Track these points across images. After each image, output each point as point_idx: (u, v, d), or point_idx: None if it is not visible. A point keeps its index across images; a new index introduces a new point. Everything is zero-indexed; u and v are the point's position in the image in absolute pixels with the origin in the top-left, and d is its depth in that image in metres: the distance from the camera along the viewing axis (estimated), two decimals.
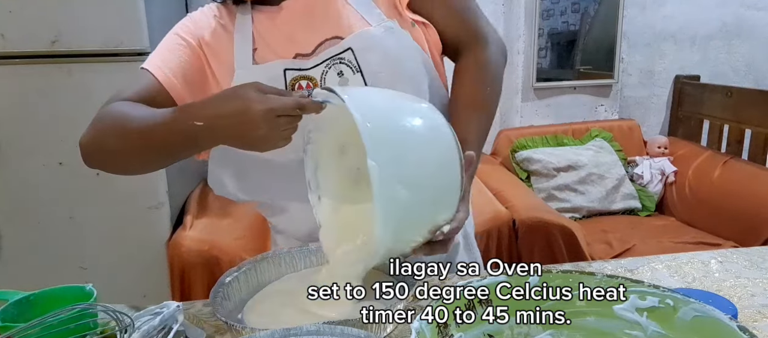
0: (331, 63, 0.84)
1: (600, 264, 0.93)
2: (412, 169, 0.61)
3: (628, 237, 2.26)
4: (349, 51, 0.84)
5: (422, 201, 0.62)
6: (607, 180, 2.59)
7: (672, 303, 0.56)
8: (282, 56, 0.84)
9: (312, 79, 0.83)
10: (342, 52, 0.84)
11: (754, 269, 0.89)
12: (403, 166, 0.60)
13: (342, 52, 0.84)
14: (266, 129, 0.65)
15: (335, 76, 0.83)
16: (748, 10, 2.98)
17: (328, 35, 0.85)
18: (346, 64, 0.84)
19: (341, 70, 0.84)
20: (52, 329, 0.60)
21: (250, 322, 0.74)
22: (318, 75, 0.83)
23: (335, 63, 0.84)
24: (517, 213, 2.04)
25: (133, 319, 0.62)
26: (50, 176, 1.85)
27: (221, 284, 0.77)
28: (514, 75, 2.79)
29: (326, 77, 0.83)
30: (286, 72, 0.83)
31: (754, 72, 3.06)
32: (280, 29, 0.87)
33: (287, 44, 0.85)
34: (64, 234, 1.90)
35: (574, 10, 2.86)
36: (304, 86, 0.83)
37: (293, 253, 0.88)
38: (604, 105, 2.93)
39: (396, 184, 0.58)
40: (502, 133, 2.82)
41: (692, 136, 2.87)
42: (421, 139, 0.64)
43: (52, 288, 0.71)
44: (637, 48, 2.95)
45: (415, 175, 0.61)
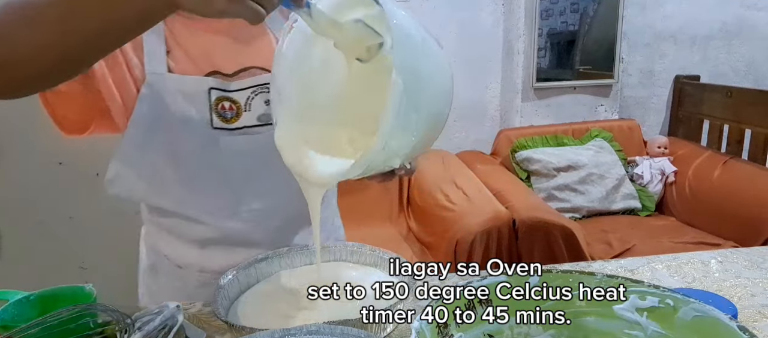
0: (259, 90, 0.83)
1: (600, 264, 0.93)
2: (427, 98, 0.63)
3: (628, 237, 2.26)
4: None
5: (419, 134, 0.64)
6: (607, 180, 2.59)
7: (672, 303, 0.56)
8: (201, 69, 0.82)
9: (235, 101, 0.82)
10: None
11: (754, 269, 0.89)
12: (421, 93, 0.61)
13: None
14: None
15: (262, 104, 0.84)
16: (748, 10, 2.98)
17: (254, 64, 0.85)
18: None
19: (269, 99, 0.83)
20: (52, 329, 0.60)
21: (242, 315, 0.74)
22: (242, 99, 0.83)
23: (263, 91, 0.83)
24: (517, 213, 2.04)
25: (133, 319, 0.62)
26: (50, 176, 1.85)
27: (221, 284, 0.78)
28: (514, 75, 2.79)
29: (252, 103, 0.83)
30: (211, 91, 0.81)
31: (754, 72, 3.06)
32: (197, 39, 0.83)
33: (204, 58, 0.82)
34: (64, 234, 1.90)
35: (573, 10, 2.86)
36: (227, 107, 0.82)
37: (293, 253, 0.88)
38: (604, 105, 2.94)
39: (411, 110, 0.59)
40: (502, 133, 2.82)
41: (692, 136, 2.87)
42: (439, 69, 0.66)
43: (52, 288, 0.71)
44: (637, 48, 2.95)
45: (427, 105, 0.63)
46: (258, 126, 0.84)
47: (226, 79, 0.83)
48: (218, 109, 0.82)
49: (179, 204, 0.86)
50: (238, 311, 0.76)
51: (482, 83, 2.89)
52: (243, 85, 0.83)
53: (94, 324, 0.64)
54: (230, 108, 0.82)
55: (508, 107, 2.87)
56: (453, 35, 2.78)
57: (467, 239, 1.95)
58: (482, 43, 2.82)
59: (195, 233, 0.88)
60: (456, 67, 2.82)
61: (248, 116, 0.83)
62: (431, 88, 0.64)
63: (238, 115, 0.83)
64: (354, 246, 0.88)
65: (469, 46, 2.80)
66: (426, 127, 0.65)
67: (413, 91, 0.58)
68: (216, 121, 0.82)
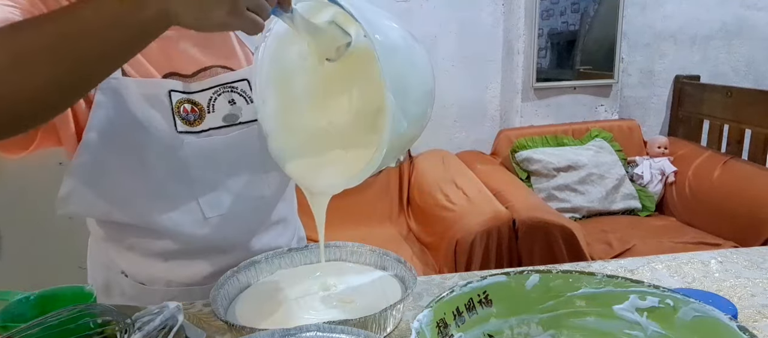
0: (222, 90, 0.81)
1: (600, 264, 0.93)
2: (413, 106, 0.65)
3: (628, 237, 2.26)
4: (244, 81, 0.82)
5: (410, 134, 0.67)
6: (607, 180, 2.59)
7: (672, 303, 0.56)
8: (158, 70, 0.77)
9: (197, 103, 0.79)
10: (235, 81, 0.82)
11: (754, 269, 0.89)
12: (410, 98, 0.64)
13: (235, 82, 0.82)
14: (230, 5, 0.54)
15: (226, 104, 0.81)
16: (748, 10, 2.98)
17: (215, 63, 0.82)
18: (239, 94, 0.82)
19: (233, 99, 0.81)
20: (52, 329, 0.60)
21: (241, 315, 0.74)
22: (205, 100, 0.79)
23: (226, 91, 0.81)
24: (517, 213, 2.04)
25: (133, 319, 0.62)
26: (50, 176, 1.85)
27: (221, 285, 0.78)
28: (514, 75, 2.79)
29: (215, 104, 0.80)
30: (171, 94, 0.77)
31: (754, 72, 3.06)
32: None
33: (161, 58, 0.78)
34: (64, 234, 1.90)
35: (573, 10, 2.86)
36: (189, 110, 0.78)
37: (292, 253, 0.88)
38: (604, 105, 2.94)
39: (402, 117, 0.61)
40: (502, 133, 2.82)
41: (692, 136, 2.87)
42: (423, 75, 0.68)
43: (52, 288, 0.71)
44: (637, 48, 2.95)
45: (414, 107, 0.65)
46: (224, 126, 0.81)
47: (186, 81, 0.79)
48: (180, 112, 0.77)
49: (144, 218, 0.80)
50: (238, 311, 0.76)
51: (482, 83, 2.89)
52: (204, 85, 0.79)
53: (94, 324, 0.64)
54: (192, 110, 0.78)
55: (508, 107, 2.87)
56: (453, 35, 2.78)
57: (467, 239, 1.95)
58: (482, 43, 2.82)
59: (159, 246, 0.83)
60: (456, 67, 2.83)
61: (212, 117, 0.80)
62: (417, 90, 0.67)
63: (201, 117, 0.79)
64: (354, 246, 0.88)
65: (469, 46, 2.80)
66: (415, 127, 0.68)
67: (402, 100, 0.60)
68: (180, 124, 0.77)
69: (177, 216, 0.81)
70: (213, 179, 0.82)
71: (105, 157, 0.75)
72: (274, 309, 0.75)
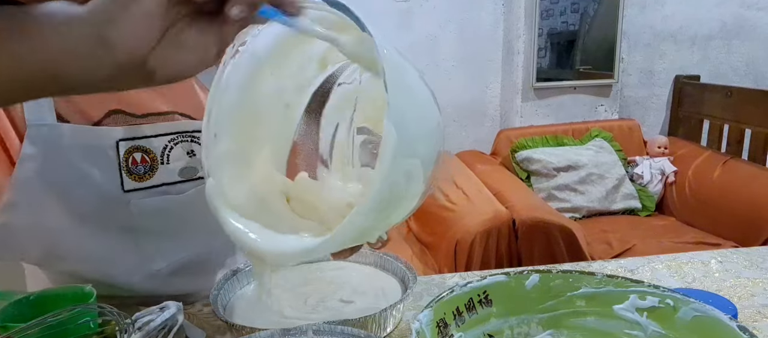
0: (179, 139, 0.70)
1: (600, 264, 0.93)
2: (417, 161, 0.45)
3: (628, 237, 2.26)
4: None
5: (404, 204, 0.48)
6: (607, 180, 2.59)
7: (672, 303, 0.56)
8: (102, 106, 0.67)
9: (149, 152, 0.68)
10: (196, 131, 0.72)
11: (754, 269, 0.89)
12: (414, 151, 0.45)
13: (196, 132, 0.72)
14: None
15: (184, 155, 0.71)
16: (748, 10, 2.98)
17: (174, 109, 0.72)
18: (200, 144, 0.60)
19: (193, 149, 0.72)
20: (52, 329, 0.60)
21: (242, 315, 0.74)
22: (158, 148, 0.69)
23: (184, 140, 0.71)
24: (517, 214, 2.04)
25: (133, 319, 0.62)
26: None
27: (220, 285, 0.78)
28: (514, 75, 2.79)
29: (170, 154, 0.70)
30: (119, 144, 0.66)
31: (754, 72, 3.06)
32: None
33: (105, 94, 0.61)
34: None
35: (573, 10, 2.86)
36: (139, 160, 0.68)
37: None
38: (604, 105, 2.94)
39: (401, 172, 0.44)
40: (502, 133, 2.82)
41: (692, 136, 2.87)
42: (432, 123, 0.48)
43: (52, 288, 0.71)
44: (637, 48, 2.96)
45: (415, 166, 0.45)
46: (179, 182, 0.71)
47: (136, 121, 0.68)
48: (129, 164, 0.67)
49: (79, 266, 0.73)
50: (238, 311, 0.76)
51: (482, 83, 2.89)
52: (159, 130, 0.69)
53: (94, 324, 0.64)
54: (142, 161, 0.68)
55: (508, 107, 2.87)
56: (453, 35, 2.78)
57: (467, 239, 1.95)
58: (482, 43, 2.82)
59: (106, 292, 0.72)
60: (456, 67, 2.83)
61: (166, 170, 0.70)
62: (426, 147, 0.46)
63: (153, 169, 0.69)
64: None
65: (469, 46, 2.80)
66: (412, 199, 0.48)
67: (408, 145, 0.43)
68: (127, 181, 0.68)
69: (115, 270, 0.74)
70: (158, 235, 0.74)
71: (36, 208, 0.66)
72: (274, 309, 0.75)
